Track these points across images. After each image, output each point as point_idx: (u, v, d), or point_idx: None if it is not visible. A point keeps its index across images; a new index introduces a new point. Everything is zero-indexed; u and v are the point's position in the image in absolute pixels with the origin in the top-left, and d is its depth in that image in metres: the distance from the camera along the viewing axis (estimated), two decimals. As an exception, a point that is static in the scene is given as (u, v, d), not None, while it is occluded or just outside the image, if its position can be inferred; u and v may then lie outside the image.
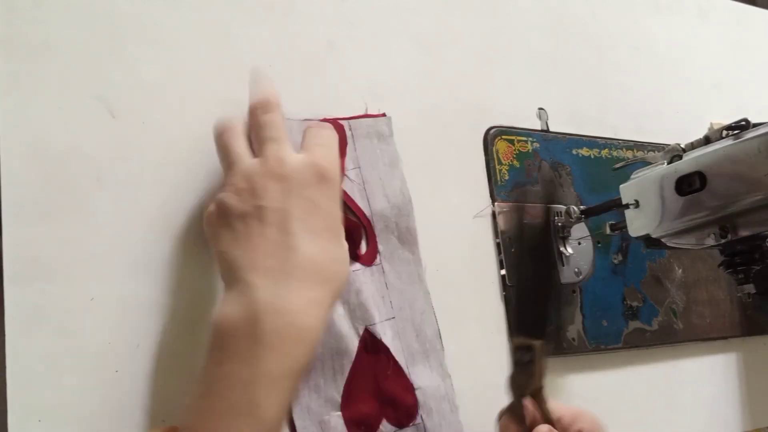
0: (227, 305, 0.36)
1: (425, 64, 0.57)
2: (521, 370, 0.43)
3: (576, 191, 0.61)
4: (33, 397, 0.38)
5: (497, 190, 0.57)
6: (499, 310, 0.54)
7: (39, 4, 0.42)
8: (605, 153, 0.65)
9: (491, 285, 0.55)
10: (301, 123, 0.47)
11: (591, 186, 0.62)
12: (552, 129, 0.62)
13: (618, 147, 0.66)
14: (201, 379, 0.36)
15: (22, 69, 0.41)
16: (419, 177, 0.51)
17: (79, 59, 0.43)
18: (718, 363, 0.67)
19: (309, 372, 0.43)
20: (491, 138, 0.58)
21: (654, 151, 0.60)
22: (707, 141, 0.50)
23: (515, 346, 0.44)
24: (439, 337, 0.49)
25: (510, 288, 0.54)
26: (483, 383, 0.50)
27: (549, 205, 0.57)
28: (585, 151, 0.64)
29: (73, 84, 0.42)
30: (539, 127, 0.62)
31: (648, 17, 0.76)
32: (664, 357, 0.63)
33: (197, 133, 0.45)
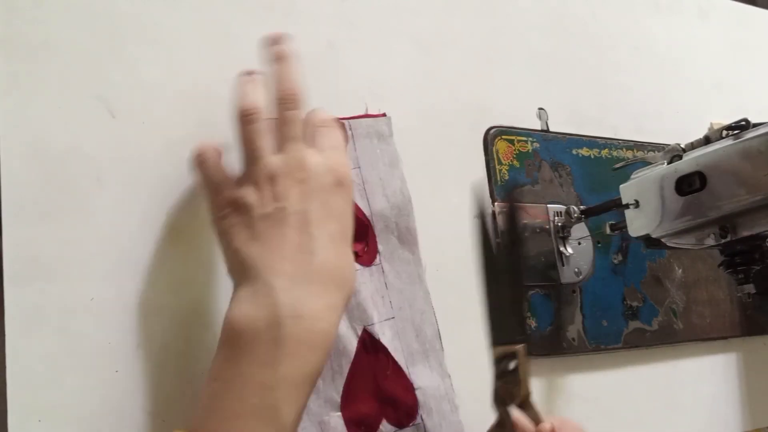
0: (244, 304, 0.36)
1: (425, 64, 0.57)
2: (507, 379, 0.42)
3: (576, 191, 0.61)
4: (33, 397, 0.38)
5: (497, 190, 0.57)
6: (499, 310, 0.54)
7: (39, 4, 0.42)
8: (605, 153, 0.65)
9: (491, 285, 0.55)
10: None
11: (591, 186, 0.62)
12: (552, 129, 0.62)
13: (618, 147, 0.66)
14: (215, 377, 0.35)
15: (22, 69, 0.41)
16: (419, 177, 0.51)
17: (79, 59, 0.43)
18: (718, 363, 0.67)
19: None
20: (491, 138, 0.58)
21: (654, 151, 0.60)
22: (707, 141, 0.50)
23: (498, 356, 0.43)
24: (439, 337, 0.49)
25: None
26: (483, 383, 0.50)
27: (514, 204, 0.56)
28: (585, 151, 0.64)
29: (73, 84, 0.42)
30: (539, 127, 0.62)
31: (648, 17, 0.76)
32: (664, 357, 0.63)
33: (197, 133, 0.45)
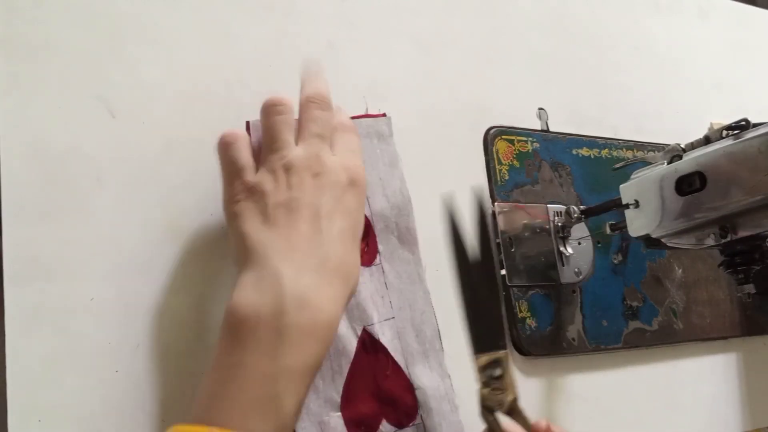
0: (249, 290, 0.36)
1: (425, 64, 0.57)
2: (494, 387, 0.42)
3: (576, 191, 0.61)
4: (33, 397, 0.38)
5: (497, 190, 0.57)
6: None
7: (39, 4, 0.42)
8: (605, 153, 0.65)
9: (491, 285, 0.55)
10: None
11: (591, 186, 0.62)
12: (552, 129, 0.62)
13: (618, 147, 0.66)
14: (215, 364, 0.35)
15: (22, 69, 0.41)
16: (419, 177, 0.51)
17: (79, 59, 0.43)
18: (718, 363, 0.67)
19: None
20: (491, 138, 0.58)
21: (654, 151, 0.60)
22: (707, 141, 0.50)
23: (482, 365, 0.42)
24: (439, 337, 0.49)
25: (509, 288, 0.55)
26: (483, 383, 0.50)
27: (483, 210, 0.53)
28: (585, 151, 0.64)
29: (73, 84, 0.42)
30: (539, 127, 0.62)
31: (648, 17, 0.76)
32: (664, 357, 0.63)
33: (197, 133, 0.45)
